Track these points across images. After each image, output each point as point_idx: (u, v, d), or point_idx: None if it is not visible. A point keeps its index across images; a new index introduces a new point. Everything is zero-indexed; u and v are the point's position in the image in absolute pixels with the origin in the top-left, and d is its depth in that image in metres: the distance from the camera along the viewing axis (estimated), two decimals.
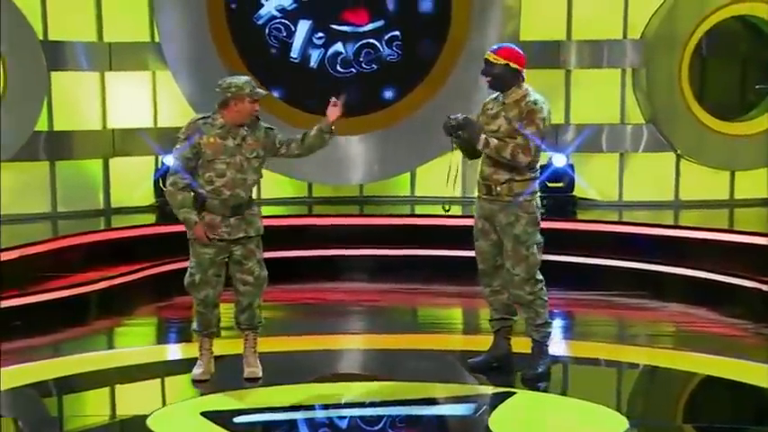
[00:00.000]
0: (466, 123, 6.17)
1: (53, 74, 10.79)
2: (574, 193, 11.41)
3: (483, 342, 7.36)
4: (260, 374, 6.37)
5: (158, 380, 6.94)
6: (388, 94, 11.58)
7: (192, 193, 6.15)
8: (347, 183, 11.92)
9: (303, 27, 11.41)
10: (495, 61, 6.25)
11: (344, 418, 5.82)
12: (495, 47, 6.37)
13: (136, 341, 8.14)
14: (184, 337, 7.63)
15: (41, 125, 10.75)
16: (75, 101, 11.05)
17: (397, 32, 11.51)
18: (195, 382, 6.36)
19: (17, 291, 8.20)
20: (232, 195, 6.14)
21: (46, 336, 7.86)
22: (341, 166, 11.64)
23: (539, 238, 6.29)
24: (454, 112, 11.27)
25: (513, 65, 6.25)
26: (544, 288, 6.37)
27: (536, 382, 6.33)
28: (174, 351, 7.70)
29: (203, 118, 6.24)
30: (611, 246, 9.91)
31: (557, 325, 8.69)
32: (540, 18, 11.63)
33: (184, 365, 6.60)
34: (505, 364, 6.56)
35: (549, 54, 11.65)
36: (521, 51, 6.38)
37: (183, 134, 6.19)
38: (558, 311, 8.95)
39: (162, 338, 8.40)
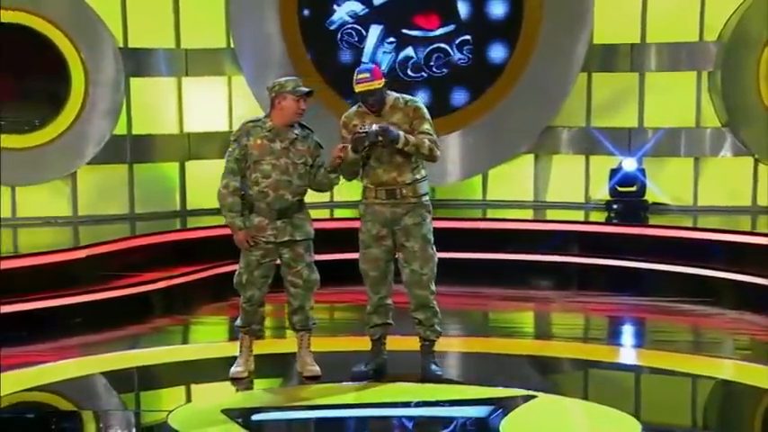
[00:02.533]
0: (384, 128, 6.12)
1: (132, 79, 11.19)
2: (645, 198, 11.25)
3: (550, 347, 7.67)
4: (320, 372, 6.46)
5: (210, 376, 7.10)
6: (460, 97, 11.64)
7: (242, 197, 6.30)
8: None
9: (374, 32, 11.57)
10: (380, 86, 6.25)
11: (360, 418, 5.92)
12: (368, 75, 6.22)
13: (196, 338, 8.49)
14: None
15: (121, 129, 11.15)
16: (154, 106, 11.43)
17: (467, 36, 11.56)
18: (233, 379, 6.50)
19: (81, 289, 8.56)
20: (276, 197, 6.25)
21: (107, 332, 8.17)
22: None
23: None
24: (523, 115, 11.38)
25: (386, 79, 6.32)
26: None
27: (441, 377, 6.43)
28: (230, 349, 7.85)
29: (254, 121, 6.39)
30: (676, 251, 9.78)
31: (629, 331, 8.74)
32: (614, 20, 11.54)
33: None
34: (383, 370, 6.59)
35: (622, 57, 11.56)
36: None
37: (233, 137, 6.37)
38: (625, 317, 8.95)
39: (220, 336, 8.61)
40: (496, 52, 11.55)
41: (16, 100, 11.08)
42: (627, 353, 7.79)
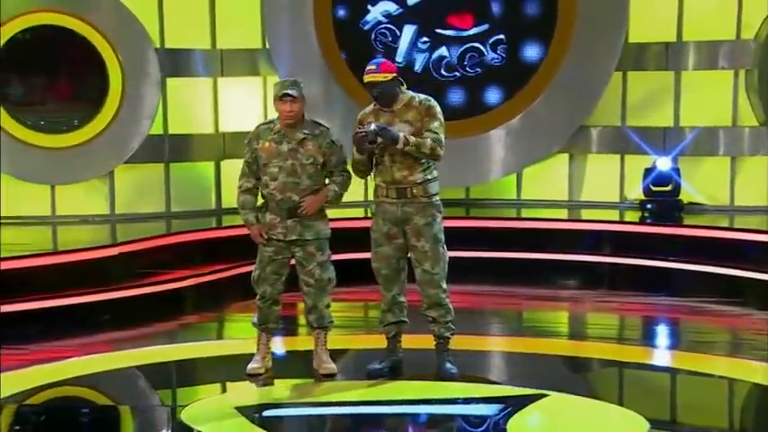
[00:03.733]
0: (382, 128, 6.19)
1: (168, 80, 11.37)
2: (680, 198, 11.16)
3: (579, 347, 7.71)
4: (336, 370, 6.54)
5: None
6: (493, 96, 11.64)
7: (257, 195, 6.49)
8: (453, 185, 12.01)
9: (408, 32, 11.62)
10: (385, 79, 6.29)
11: (372, 415, 5.98)
12: (374, 67, 6.30)
13: (224, 335, 8.65)
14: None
15: (157, 129, 11.32)
16: (190, 106, 11.58)
17: (501, 36, 11.56)
18: (249, 375, 6.58)
19: (111, 286, 8.71)
20: (283, 198, 6.36)
21: (135, 329, 8.29)
22: (447, 168, 11.69)
23: None
24: (557, 115, 11.36)
25: (396, 75, 6.36)
26: None
27: (455, 375, 6.46)
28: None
29: (266, 123, 6.56)
30: (707, 251, 9.71)
31: (658, 331, 8.72)
32: (649, 19, 11.46)
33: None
34: (398, 368, 6.64)
35: (657, 56, 11.49)
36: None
37: (246, 140, 6.53)
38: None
39: (248, 333, 8.67)
40: (530, 51, 11.54)
41: (60, 101, 11.37)
42: (652, 353, 7.72)
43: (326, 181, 6.51)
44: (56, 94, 11.42)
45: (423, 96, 6.43)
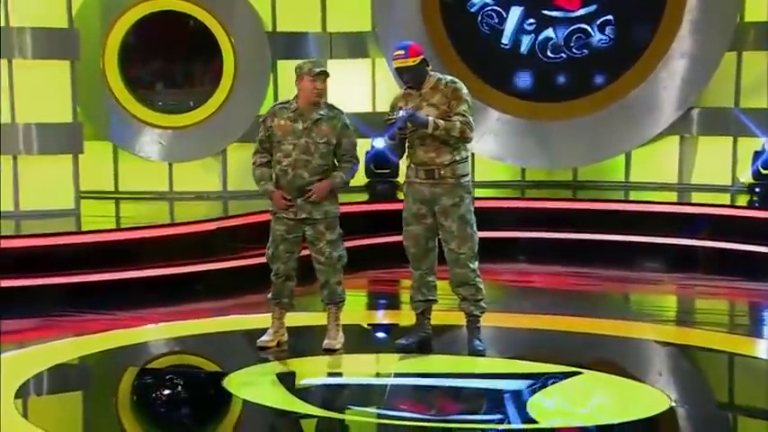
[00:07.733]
0: (411, 115, 6.31)
1: (279, 62, 11.74)
2: None
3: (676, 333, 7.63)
4: (337, 347, 6.73)
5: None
6: (600, 78, 11.53)
7: (270, 168, 6.63)
8: (561, 167, 11.99)
9: (515, 13, 11.63)
10: (414, 63, 6.41)
11: (398, 387, 6.15)
12: (401, 52, 6.43)
13: (304, 308, 8.80)
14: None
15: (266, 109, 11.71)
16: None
17: (610, 17, 11.42)
18: (260, 348, 6.79)
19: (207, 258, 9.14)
20: (295, 176, 6.50)
21: (224, 299, 8.70)
22: (554, 150, 11.72)
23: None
24: (666, 96, 11.14)
25: (423, 58, 6.45)
26: None
27: (484, 352, 6.57)
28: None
29: (282, 103, 6.73)
30: None
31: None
32: None
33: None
34: (428, 345, 6.75)
35: None
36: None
37: (261, 118, 6.74)
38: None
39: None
40: (639, 32, 11.39)
41: (177, 82, 11.95)
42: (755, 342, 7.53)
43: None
44: (174, 76, 11.99)
45: (449, 78, 6.55)
